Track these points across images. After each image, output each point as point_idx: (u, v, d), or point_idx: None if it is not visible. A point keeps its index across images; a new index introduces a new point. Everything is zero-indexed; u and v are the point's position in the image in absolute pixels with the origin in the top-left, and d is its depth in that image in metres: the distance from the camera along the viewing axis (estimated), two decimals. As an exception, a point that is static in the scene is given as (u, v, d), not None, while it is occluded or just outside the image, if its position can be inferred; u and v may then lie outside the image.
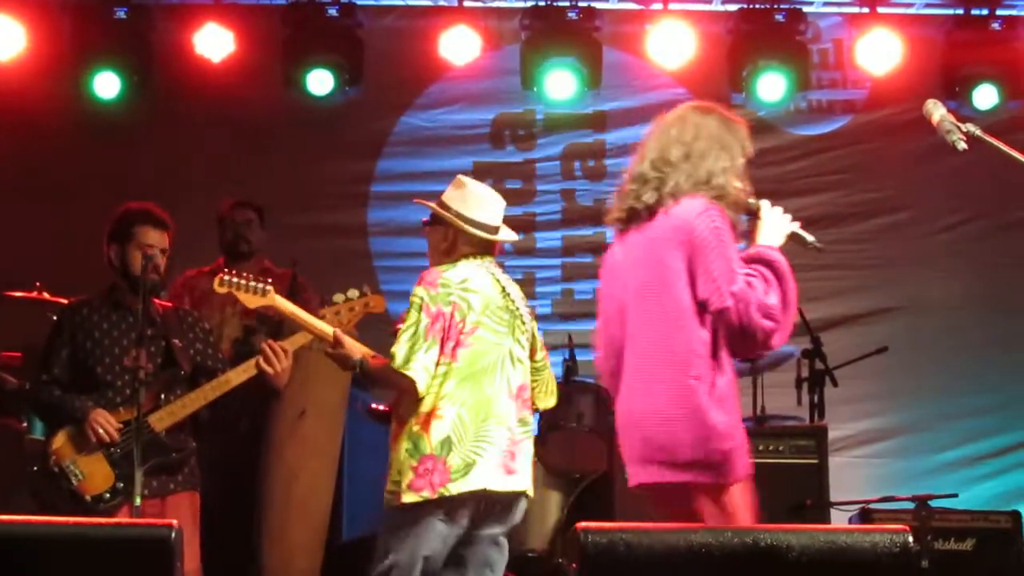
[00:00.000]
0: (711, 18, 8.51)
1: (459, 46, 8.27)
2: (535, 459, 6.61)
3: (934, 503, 6.60)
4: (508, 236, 4.61)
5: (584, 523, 3.07)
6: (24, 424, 6.44)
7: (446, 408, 4.29)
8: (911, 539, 3.08)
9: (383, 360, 4.40)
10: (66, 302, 5.49)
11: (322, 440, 6.07)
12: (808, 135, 8.58)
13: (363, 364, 4.42)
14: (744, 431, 3.94)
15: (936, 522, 6.48)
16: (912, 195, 8.51)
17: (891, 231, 8.45)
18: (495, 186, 8.85)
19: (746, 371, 6.67)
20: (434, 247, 4.58)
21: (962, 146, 3.77)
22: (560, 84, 8.34)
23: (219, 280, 4.78)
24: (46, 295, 6.35)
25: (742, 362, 4.02)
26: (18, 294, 6.42)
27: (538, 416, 6.90)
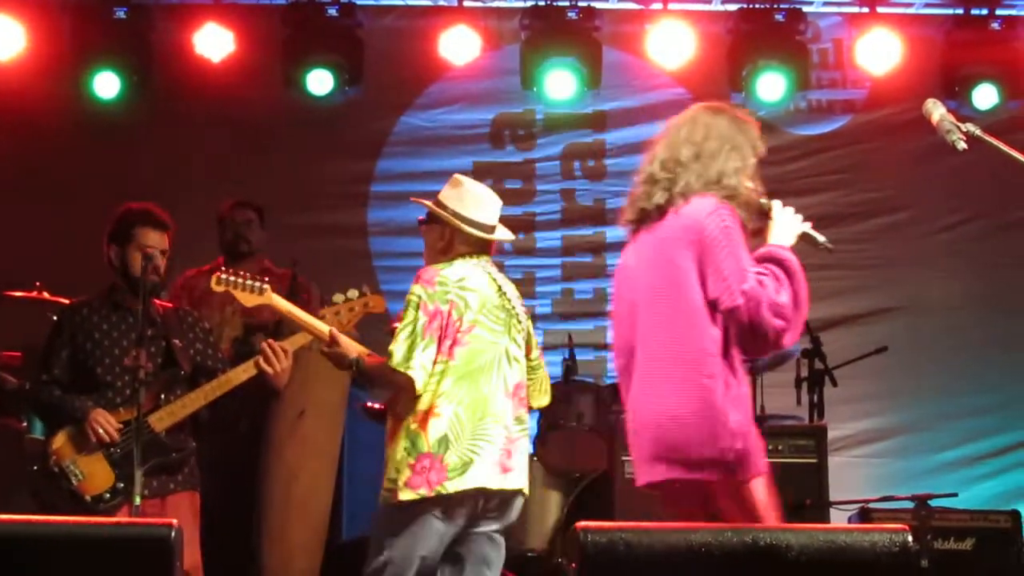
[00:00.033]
0: (711, 18, 8.51)
1: (459, 46, 8.27)
2: (535, 458, 6.67)
3: (934, 503, 6.60)
4: (504, 235, 4.61)
5: (584, 523, 3.07)
6: (24, 424, 6.44)
7: (443, 406, 4.29)
8: (910, 539, 3.08)
9: (379, 359, 4.40)
10: (66, 302, 5.49)
11: (322, 440, 6.07)
12: (808, 135, 8.58)
13: (359, 363, 4.42)
14: (757, 428, 3.94)
15: (936, 522, 6.49)
16: (912, 195, 8.52)
17: (891, 231, 8.45)
18: (495, 186, 8.86)
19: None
20: (430, 246, 4.59)
21: (962, 146, 3.77)
22: (560, 84, 8.35)
23: (216, 279, 4.79)
24: (46, 295, 6.35)
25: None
26: (18, 294, 6.42)
27: (538, 415, 6.91)
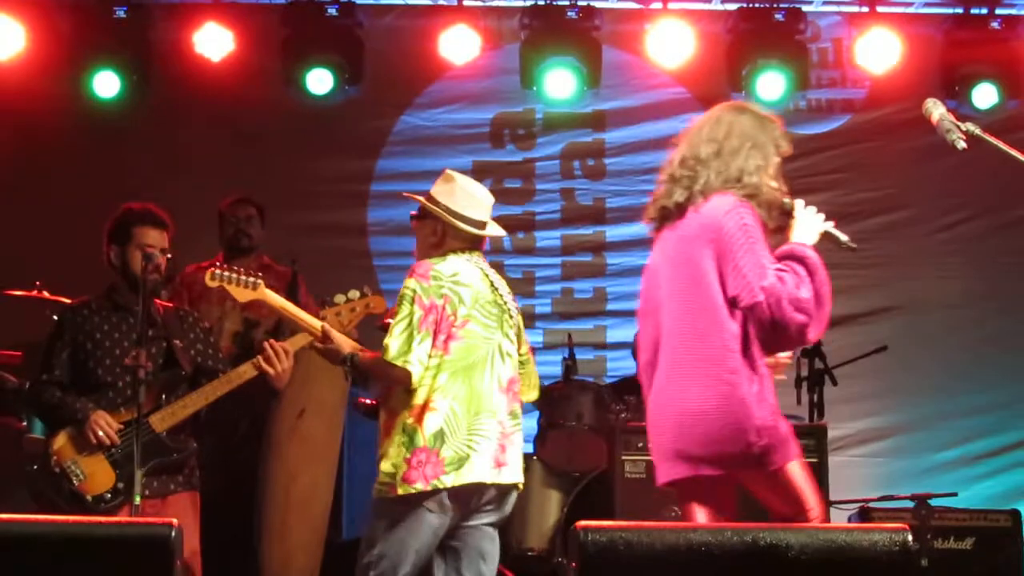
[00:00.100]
0: (710, 17, 8.51)
1: (459, 45, 8.27)
2: (535, 458, 6.68)
3: (933, 502, 6.61)
4: (496, 231, 4.62)
5: (584, 522, 3.07)
6: (23, 423, 6.43)
7: (439, 401, 4.30)
8: (910, 538, 3.08)
9: (373, 353, 4.41)
10: (66, 301, 5.49)
11: (322, 440, 6.07)
12: (807, 134, 8.58)
13: (354, 358, 4.42)
14: (784, 421, 3.96)
15: (935, 521, 6.50)
16: (911, 194, 8.52)
17: (890, 230, 8.45)
18: (495, 185, 8.93)
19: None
20: (422, 241, 4.60)
21: (961, 145, 3.78)
22: (560, 83, 8.35)
23: (210, 274, 4.79)
24: (46, 294, 6.35)
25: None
26: (18, 293, 6.42)
27: (538, 415, 6.92)
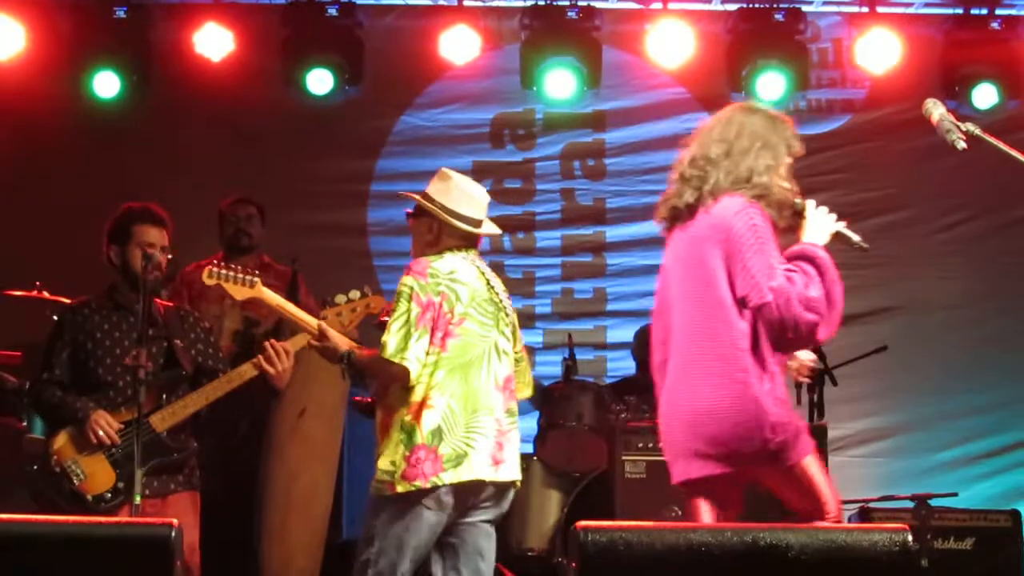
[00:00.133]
0: (710, 17, 8.51)
1: (459, 45, 8.27)
2: (535, 458, 6.68)
3: (933, 502, 6.62)
4: (491, 230, 4.63)
5: (584, 522, 3.07)
6: (23, 423, 6.43)
7: (436, 398, 4.31)
8: (910, 538, 3.08)
9: (371, 351, 4.42)
10: (66, 301, 5.49)
11: (322, 440, 6.07)
12: (807, 134, 8.49)
13: (350, 356, 4.43)
14: (797, 418, 3.98)
15: (935, 521, 6.50)
16: (911, 194, 8.52)
17: (890, 230, 8.45)
18: (495, 186, 8.93)
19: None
20: (418, 239, 4.60)
21: (961, 145, 3.78)
22: (560, 83, 8.35)
23: (208, 272, 4.80)
24: (46, 294, 6.36)
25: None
26: (18, 293, 6.42)
27: (538, 415, 6.92)
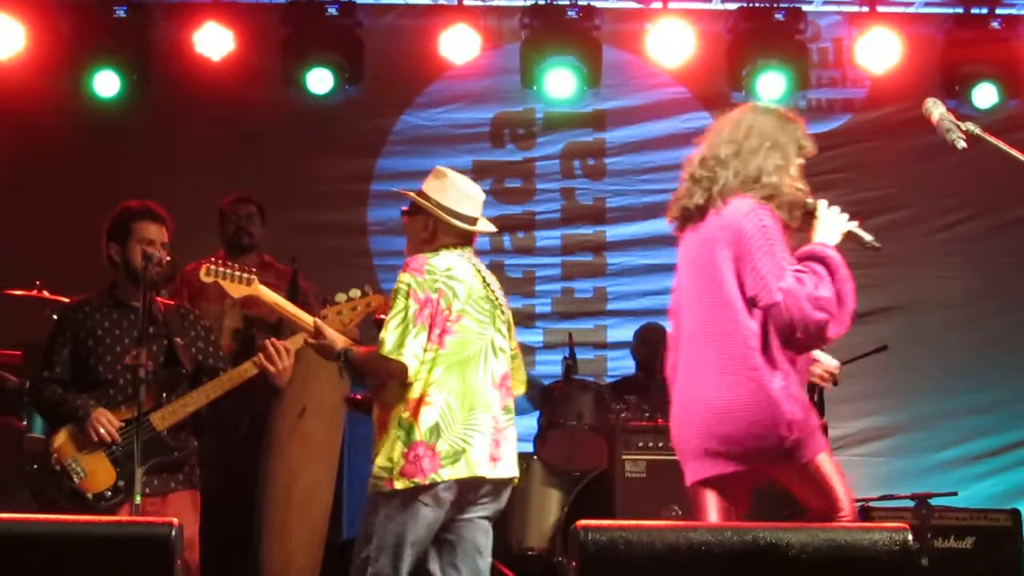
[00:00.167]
0: (711, 17, 8.51)
1: (459, 45, 8.27)
2: (535, 457, 6.68)
3: (934, 501, 6.62)
4: (486, 227, 4.64)
5: (584, 521, 3.07)
6: (24, 422, 6.43)
7: (434, 395, 4.31)
8: (911, 537, 3.08)
9: (367, 348, 4.42)
10: (66, 301, 5.49)
11: (322, 439, 6.07)
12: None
13: (347, 353, 4.43)
14: (814, 415, 3.97)
15: (936, 520, 6.50)
16: (911, 194, 8.52)
17: (890, 230, 8.43)
18: (495, 185, 8.93)
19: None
20: (413, 236, 4.61)
21: (961, 145, 3.78)
22: (560, 83, 8.35)
23: (205, 270, 4.82)
24: (46, 293, 6.35)
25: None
26: (18, 292, 6.42)
27: (538, 414, 6.92)
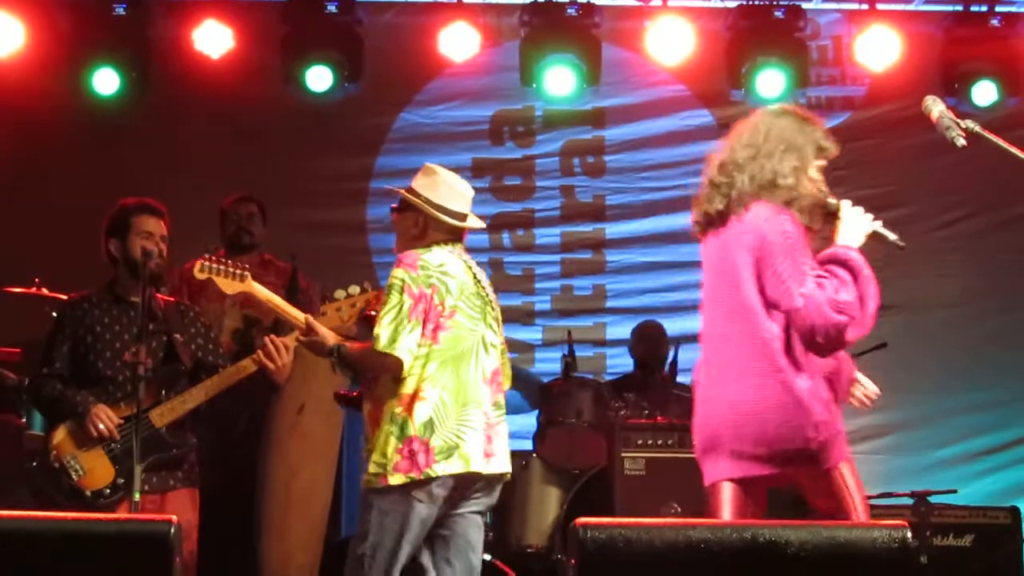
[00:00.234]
0: (710, 14, 8.51)
1: (458, 42, 8.26)
2: (534, 455, 6.68)
3: (933, 499, 6.62)
4: (476, 224, 4.64)
5: (583, 519, 3.07)
6: (23, 420, 6.43)
7: (428, 390, 4.32)
8: (910, 535, 3.08)
9: (361, 344, 4.43)
10: (65, 298, 5.49)
11: (321, 436, 6.07)
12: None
13: (340, 349, 4.43)
14: (839, 419, 3.98)
15: (935, 518, 6.50)
16: (911, 192, 8.51)
17: (890, 227, 8.43)
18: (494, 183, 8.92)
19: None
20: (403, 233, 4.61)
21: (961, 142, 3.79)
22: (559, 80, 8.34)
23: (199, 266, 4.83)
24: (45, 291, 6.35)
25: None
26: (17, 290, 6.42)
27: (537, 412, 6.92)
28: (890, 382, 8.06)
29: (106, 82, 8.14)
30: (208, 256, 4.91)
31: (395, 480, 4.27)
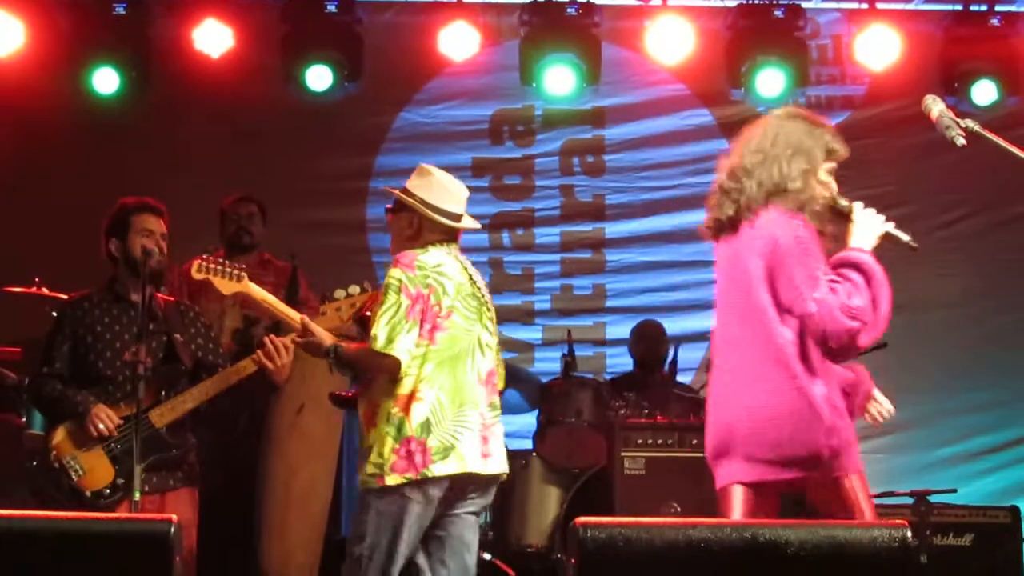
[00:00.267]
0: (710, 14, 8.50)
1: (458, 42, 8.26)
2: (534, 454, 6.68)
3: (933, 498, 6.62)
4: (470, 224, 4.64)
5: (583, 518, 3.07)
6: (23, 419, 6.43)
7: (425, 391, 4.32)
8: (910, 534, 3.08)
9: (358, 345, 4.43)
10: (65, 297, 5.49)
11: (321, 436, 6.07)
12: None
13: (337, 350, 4.43)
14: (851, 427, 3.97)
15: (935, 517, 6.50)
16: (910, 191, 8.50)
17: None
18: (494, 182, 8.92)
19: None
20: (397, 234, 4.63)
21: (961, 142, 3.79)
22: (559, 80, 8.34)
23: (196, 266, 4.84)
24: (45, 290, 6.35)
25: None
26: (17, 289, 6.42)
27: (537, 412, 6.92)
28: (890, 381, 8.09)
29: (106, 82, 8.14)
30: (205, 256, 4.91)
31: (392, 480, 4.27)
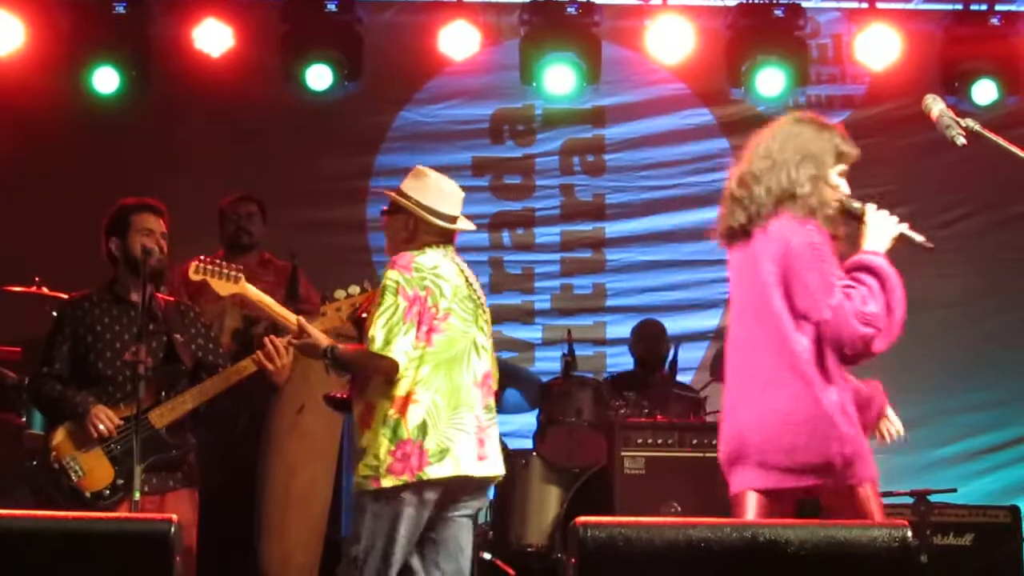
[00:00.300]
0: (710, 13, 8.50)
1: (458, 41, 8.26)
2: (534, 453, 6.68)
3: (933, 498, 6.62)
4: (466, 226, 4.64)
5: (583, 518, 3.07)
6: (23, 419, 6.43)
7: (421, 393, 4.32)
8: (910, 534, 3.08)
9: (355, 346, 4.42)
10: (65, 297, 5.49)
11: (321, 436, 6.07)
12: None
13: (334, 351, 4.42)
14: (863, 438, 3.98)
15: (935, 517, 6.51)
16: (910, 190, 8.48)
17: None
18: (494, 181, 8.92)
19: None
20: (393, 236, 4.62)
21: (961, 141, 3.78)
22: (559, 79, 8.34)
23: (194, 267, 4.84)
24: (45, 290, 6.35)
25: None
26: (17, 289, 6.42)
27: (538, 411, 6.93)
28: (890, 380, 8.09)
29: (106, 81, 8.14)
30: (203, 257, 4.91)
31: (388, 482, 4.27)
